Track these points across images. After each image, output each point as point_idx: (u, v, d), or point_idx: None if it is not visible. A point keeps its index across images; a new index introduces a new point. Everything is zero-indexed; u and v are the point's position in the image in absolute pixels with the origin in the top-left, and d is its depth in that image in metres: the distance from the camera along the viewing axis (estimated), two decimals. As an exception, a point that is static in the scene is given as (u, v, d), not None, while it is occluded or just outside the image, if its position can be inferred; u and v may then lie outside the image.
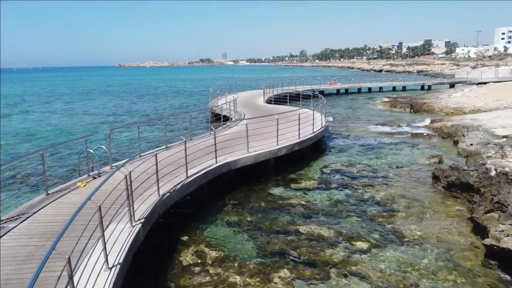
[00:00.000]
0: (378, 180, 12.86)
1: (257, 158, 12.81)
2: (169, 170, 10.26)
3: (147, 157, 11.54)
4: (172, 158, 11.05)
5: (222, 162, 11.71)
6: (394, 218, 9.81)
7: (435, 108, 27.49)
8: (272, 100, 29.62)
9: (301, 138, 14.83)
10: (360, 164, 14.88)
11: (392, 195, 11.40)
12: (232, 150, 12.74)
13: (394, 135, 19.87)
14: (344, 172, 13.90)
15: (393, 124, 22.38)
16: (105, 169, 11.25)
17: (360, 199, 11.19)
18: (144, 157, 11.87)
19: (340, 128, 22.54)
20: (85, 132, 22.71)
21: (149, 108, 36.66)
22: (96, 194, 6.64)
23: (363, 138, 19.53)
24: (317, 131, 16.17)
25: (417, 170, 13.85)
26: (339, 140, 19.27)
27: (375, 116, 27.00)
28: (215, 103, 27.29)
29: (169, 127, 23.09)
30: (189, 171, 10.46)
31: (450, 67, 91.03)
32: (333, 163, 15.11)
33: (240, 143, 13.04)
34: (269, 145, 13.64)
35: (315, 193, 11.75)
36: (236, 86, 38.95)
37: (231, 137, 13.82)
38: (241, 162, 12.31)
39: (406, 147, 17.36)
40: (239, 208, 10.64)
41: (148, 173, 9.33)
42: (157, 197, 8.71)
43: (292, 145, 14.18)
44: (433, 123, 21.70)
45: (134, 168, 9.91)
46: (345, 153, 16.66)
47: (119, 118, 29.90)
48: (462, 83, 48.41)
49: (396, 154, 16.29)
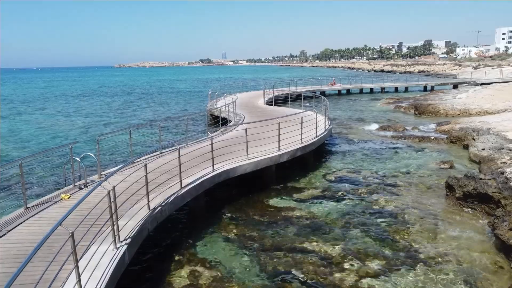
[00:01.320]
0: (387, 189, 12.03)
1: (258, 165, 11.98)
2: (161, 180, 9.45)
3: (138, 165, 10.68)
4: (165, 166, 10.23)
5: (220, 170, 10.88)
6: (407, 233, 8.98)
7: (441, 110, 26.66)
8: (272, 101, 28.82)
9: (303, 143, 14.00)
10: (366, 170, 14.05)
11: (403, 206, 10.57)
12: (231, 157, 11.92)
13: (400, 139, 19.05)
14: (350, 180, 13.07)
15: (398, 127, 21.55)
16: (94, 178, 10.43)
17: (368, 210, 10.36)
18: (136, 164, 11.02)
19: (343, 130, 21.71)
20: (77, 136, 21.83)
21: (146, 110, 35.75)
22: (77, 211, 5.86)
23: (367, 142, 18.71)
24: (320, 135, 15.34)
25: (428, 177, 13.02)
26: (343, 144, 18.44)
27: (378, 118, 26.18)
28: (213, 105, 26.48)
29: (164, 131, 22.25)
30: (183, 180, 9.64)
31: (452, 68, 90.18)
32: (337, 169, 14.29)
33: (239, 149, 12.21)
34: (270, 150, 12.81)
35: (320, 204, 10.92)
36: (236, 87, 38.10)
37: (230, 142, 12.99)
38: (241, 170, 11.48)
39: (413, 152, 16.54)
40: (238, 222, 9.81)
41: (138, 184, 8.52)
42: (147, 211, 7.88)
43: (295, 150, 13.36)
44: (440, 126, 20.88)
45: (124, 178, 9.08)
46: (349, 158, 15.84)
47: (113, 121, 29.05)
48: (465, 84, 47.58)
49: (404, 159, 15.47)
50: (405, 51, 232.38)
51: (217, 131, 16.68)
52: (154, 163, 10.94)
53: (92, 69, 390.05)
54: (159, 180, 9.42)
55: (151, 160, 11.06)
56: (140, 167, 10.19)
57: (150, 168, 9.87)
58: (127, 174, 9.86)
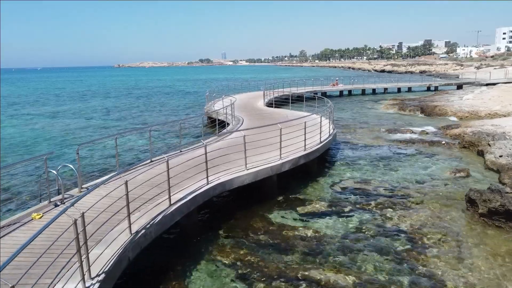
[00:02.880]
0: (399, 201, 10.92)
1: (257, 175, 10.86)
2: (149, 196, 8.31)
3: (122, 179, 9.51)
4: (154, 178, 9.10)
5: (215, 182, 9.76)
6: (427, 257, 7.87)
7: (448, 112, 25.56)
8: (272, 103, 27.74)
9: (307, 149, 12.89)
10: (374, 180, 12.94)
11: (420, 223, 9.46)
12: (228, 166, 10.80)
13: (408, 143, 17.93)
14: (358, 190, 11.96)
15: (405, 130, 20.44)
16: (73, 192, 9.31)
17: (381, 229, 9.24)
18: (120, 177, 9.88)
19: (347, 135, 20.59)
20: (63, 142, 20.59)
21: (140, 112, 34.29)
22: (43, 237, 4.76)
23: (373, 147, 17.59)
24: (324, 141, 14.23)
25: (443, 188, 11.91)
26: (348, 149, 17.31)
27: (383, 121, 25.06)
28: (211, 107, 25.37)
29: (156, 137, 20.85)
30: (173, 196, 8.53)
31: (454, 68, 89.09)
32: (343, 178, 13.17)
33: (237, 158, 11.07)
34: (271, 159, 11.69)
35: (327, 220, 9.80)
36: (235, 88, 37.00)
37: (227, 149, 11.84)
38: (238, 182, 10.36)
39: (423, 158, 15.42)
40: (236, 243, 8.69)
41: (122, 201, 7.40)
42: (128, 236, 6.76)
43: (297, 158, 12.24)
44: (450, 129, 19.76)
45: (107, 192, 7.91)
46: (355, 165, 14.72)
47: (105, 124, 27.77)
48: (470, 84, 46.49)
49: (414, 166, 14.35)
50: (405, 51, 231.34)
51: (213, 137, 15.56)
52: (142, 175, 9.82)
53: (91, 69, 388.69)
54: (146, 196, 8.29)
55: (138, 172, 9.93)
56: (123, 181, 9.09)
57: (135, 181, 8.77)
58: (110, 188, 8.72)
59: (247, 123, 18.97)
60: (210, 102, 26.87)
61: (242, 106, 25.82)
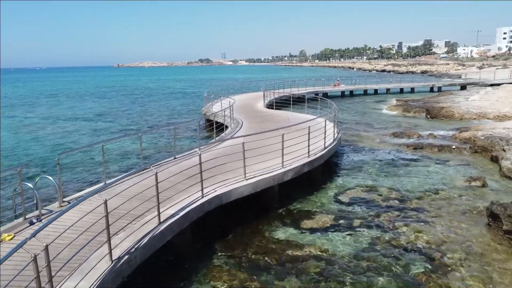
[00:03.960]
0: (412, 214, 10.00)
1: (257, 186, 9.95)
2: (136, 212, 7.39)
3: (108, 192, 8.55)
4: (142, 191, 8.17)
5: (211, 195, 8.85)
6: (449, 281, 6.96)
7: (455, 114, 24.65)
8: (273, 104, 26.78)
9: (311, 156, 11.99)
10: (383, 188, 12.02)
11: (437, 240, 8.54)
12: (225, 176, 9.87)
13: (417, 148, 17.01)
14: (367, 202, 11.04)
15: (412, 133, 19.52)
16: (53, 207, 8.39)
17: (395, 247, 8.33)
18: (106, 190, 8.97)
19: (351, 138, 19.67)
20: (50, 148, 19.42)
21: (135, 114, 32.92)
22: None
23: (380, 151, 16.68)
24: (329, 146, 13.32)
25: (458, 199, 11.00)
26: (353, 154, 16.40)
27: (388, 123, 24.16)
28: (209, 109, 24.45)
29: (149, 142, 19.67)
30: (163, 212, 7.62)
31: (456, 68, 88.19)
32: (350, 187, 12.25)
33: (235, 168, 10.14)
34: (272, 167, 10.78)
35: (334, 237, 8.88)
36: (234, 88, 36.07)
37: (224, 156, 10.91)
38: (236, 194, 9.45)
39: (434, 164, 14.52)
40: (234, 264, 7.77)
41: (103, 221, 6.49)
42: (108, 264, 5.84)
43: (301, 166, 11.33)
44: (459, 133, 18.86)
45: (90, 210, 6.99)
46: (362, 172, 13.81)
47: (98, 127, 26.74)
48: (474, 85, 45.59)
49: (425, 173, 13.44)
50: (406, 51, 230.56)
51: (210, 142, 14.64)
52: (131, 187, 8.88)
53: (91, 69, 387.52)
54: (135, 212, 7.36)
55: (127, 184, 8.97)
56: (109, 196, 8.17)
57: (123, 195, 7.83)
58: (94, 203, 7.80)
59: (247, 126, 18.07)
60: (208, 104, 25.95)
61: (241, 107, 24.91)
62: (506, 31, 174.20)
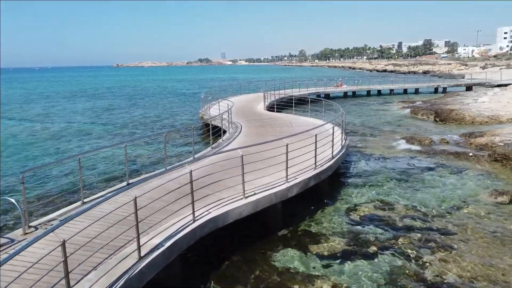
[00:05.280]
0: (436, 238, 8.72)
1: (258, 205, 8.67)
2: (117, 243, 6.09)
3: (82, 219, 7.15)
4: (120, 219, 6.86)
5: (204, 218, 7.56)
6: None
7: (466, 117, 23.36)
8: (274, 106, 25.50)
9: (318, 167, 10.71)
10: (399, 204, 10.74)
11: (469, 272, 7.27)
12: (222, 195, 8.59)
13: (430, 155, 15.74)
14: (381, 220, 9.76)
15: (423, 138, 18.23)
16: (15, 235, 7.09)
17: (420, 281, 7.05)
18: (85, 214, 7.66)
19: (357, 144, 18.38)
20: (21, 162, 17.37)
21: (126, 118, 30.46)
22: None
23: (390, 159, 15.39)
24: (337, 155, 12.05)
25: (486, 217, 9.72)
26: (361, 162, 15.11)
27: (396, 126, 22.88)
28: (206, 111, 23.17)
29: (138, 151, 17.67)
30: (144, 245, 6.33)
31: (458, 68, 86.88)
32: (361, 202, 10.97)
33: (233, 185, 8.85)
34: (275, 182, 9.50)
35: (347, 267, 7.60)
36: (233, 89, 34.76)
37: (220, 167, 9.63)
38: (234, 215, 8.16)
39: (451, 175, 13.24)
40: (229, 306, 6.49)
41: (76, 256, 5.23)
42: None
43: (307, 180, 10.05)
44: (474, 138, 17.58)
45: (58, 244, 5.69)
46: (373, 183, 12.52)
47: (84, 129, 25.54)
48: (480, 85, 44.33)
49: (443, 185, 12.17)
50: (406, 51, 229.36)
51: (204, 152, 13.35)
52: (107, 216, 7.57)
53: (90, 68, 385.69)
54: (112, 244, 6.08)
55: (106, 208, 7.65)
56: (80, 221, 6.90)
57: (99, 224, 6.54)
58: (67, 232, 6.52)
59: (246, 131, 16.80)
60: (206, 106, 24.64)
61: (240, 109, 23.64)
62: (507, 31, 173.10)
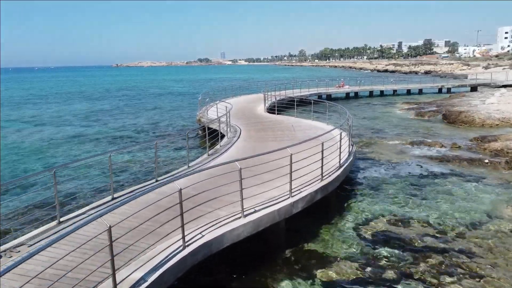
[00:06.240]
0: (459, 262, 7.68)
1: (259, 224, 7.63)
2: (84, 283, 5.06)
3: (62, 244, 6.07)
4: (94, 244, 5.84)
5: (196, 243, 6.53)
6: None
7: (476, 119, 22.33)
8: (275, 107, 24.47)
9: (325, 178, 9.68)
10: (414, 220, 9.71)
11: (506, 307, 6.23)
12: (216, 216, 7.55)
13: (442, 161, 14.71)
14: (396, 239, 8.73)
15: (433, 143, 17.21)
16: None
17: (450, 319, 6.02)
18: (62, 241, 6.63)
19: (364, 148, 17.35)
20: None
21: (118, 121, 28.63)
22: None
23: (400, 166, 14.35)
24: (345, 164, 11.02)
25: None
26: (369, 169, 14.08)
27: (402, 129, 21.85)
28: (204, 113, 22.12)
29: (125, 161, 15.96)
30: (123, 282, 5.29)
31: (461, 68, 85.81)
32: (372, 217, 9.93)
33: (229, 203, 7.82)
34: (278, 196, 8.48)
35: (363, 300, 6.57)
36: (232, 90, 33.72)
37: (214, 180, 8.58)
38: (231, 237, 7.13)
39: (468, 183, 12.22)
40: None
41: None
42: None
43: (313, 193, 9.02)
44: (487, 143, 16.55)
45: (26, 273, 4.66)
46: (383, 195, 11.48)
47: (65, 133, 24.58)
48: (485, 86, 43.30)
49: (460, 196, 11.15)
50: (406, 51, 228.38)
51: (201, 157, 12.30)
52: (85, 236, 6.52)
53: (89, 68, 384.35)
54: (90, 278, 5.05)
55: (82, 234, 6.60)
56: (48, 250, 5.86)
57: (72, 256, 5.50)
58: (39, 263, 5.48)
59: (245, 135, 15.78)
60: (203, 108, 23.58)
61: (240, 111, 22.62)
62: (508, 31, 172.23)
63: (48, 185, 11.15)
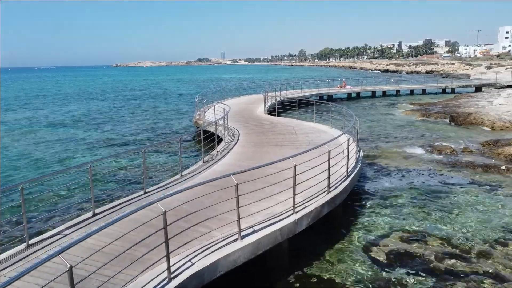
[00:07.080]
0: (485, 287, 6.73)
1: (258, 247, 6.67)
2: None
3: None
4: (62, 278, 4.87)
5: (185, 273, 5.57)
6: None
7: (485, 121, 21.38)
8: (275, 109, 23.51)
9: (332, 190, 8.72)
10: (431, 236, 8.75)
11: None
12: (209, 238, 6.59)
13: (455, 168, 13.75)
14: (412, 259, 7.77)
15: (444, 147, 16.24)
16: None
17: None
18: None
19: (370, 152, 16.37)
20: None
21: (110, 124, 27.12)
22: None
23: (411, 174, 13.38)
24: (352, 173, 10.07)
25: (543, 256, 7.73)
26: (377, 178, 13.09)
27: (408, 131, 20.88)
28: (201, 115, 21.16)
29: (111, 169, 14.34)
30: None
31: (463, 67, 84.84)
32: (383, 234, 8.96)
33: (224, 220, 6.86)
34: (280, 213, 7.51)
35: None
36: (231, 90, 32.75)
37: (207, 196, 7.61)
38: (227, 264, 6.17)
39: (485, 193, 11.27)
40: None
41: None
42: None
43: (319, 208, 8.06)
44: (500, 147, 15.59)
45: None
46: (395, 208, 10.50)
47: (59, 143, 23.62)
48: (490, 86, 42.35)
49: (478, 208, 10.20)
50: (406, 50, 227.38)
51: (195, 165, 11.31)
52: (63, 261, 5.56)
53: (89, 68, 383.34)
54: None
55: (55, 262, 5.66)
56: None
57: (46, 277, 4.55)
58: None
59: (244, 140, 14.83)
60: (200, 110, 22.61)
61: (238, 113, 21.68)
62: (509, 30, 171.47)
63: (15, 202, 10.11)
